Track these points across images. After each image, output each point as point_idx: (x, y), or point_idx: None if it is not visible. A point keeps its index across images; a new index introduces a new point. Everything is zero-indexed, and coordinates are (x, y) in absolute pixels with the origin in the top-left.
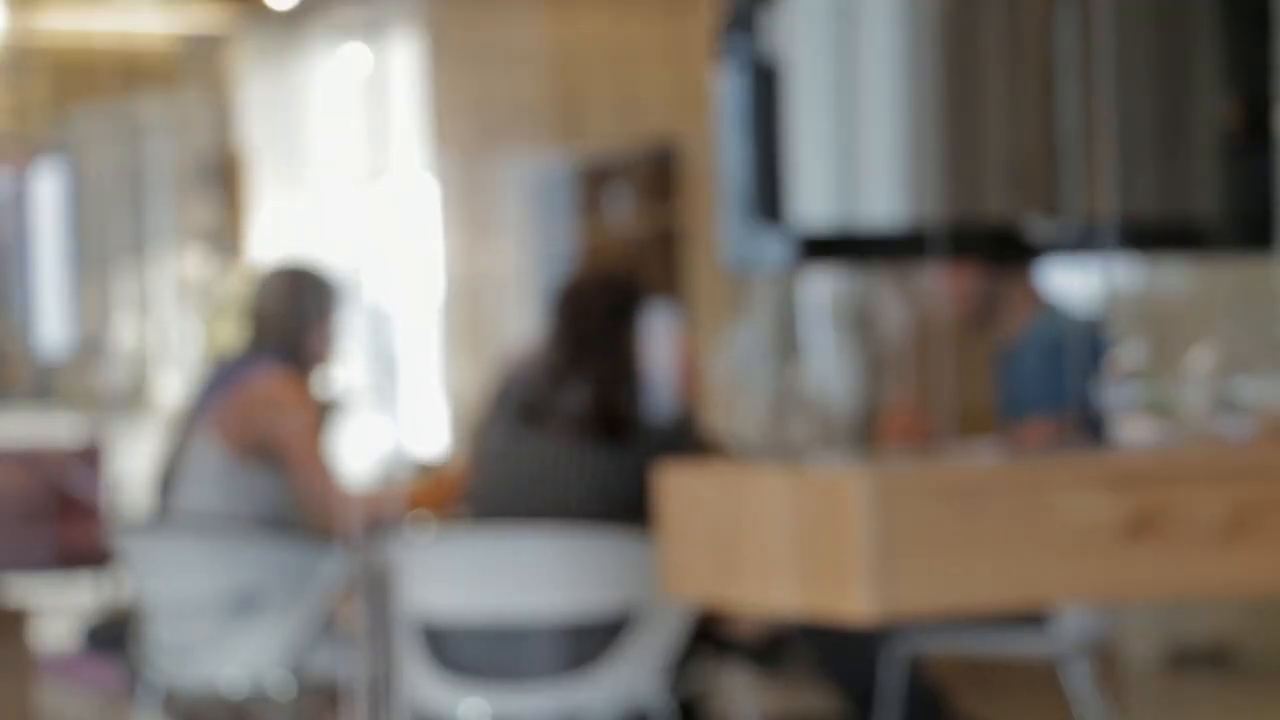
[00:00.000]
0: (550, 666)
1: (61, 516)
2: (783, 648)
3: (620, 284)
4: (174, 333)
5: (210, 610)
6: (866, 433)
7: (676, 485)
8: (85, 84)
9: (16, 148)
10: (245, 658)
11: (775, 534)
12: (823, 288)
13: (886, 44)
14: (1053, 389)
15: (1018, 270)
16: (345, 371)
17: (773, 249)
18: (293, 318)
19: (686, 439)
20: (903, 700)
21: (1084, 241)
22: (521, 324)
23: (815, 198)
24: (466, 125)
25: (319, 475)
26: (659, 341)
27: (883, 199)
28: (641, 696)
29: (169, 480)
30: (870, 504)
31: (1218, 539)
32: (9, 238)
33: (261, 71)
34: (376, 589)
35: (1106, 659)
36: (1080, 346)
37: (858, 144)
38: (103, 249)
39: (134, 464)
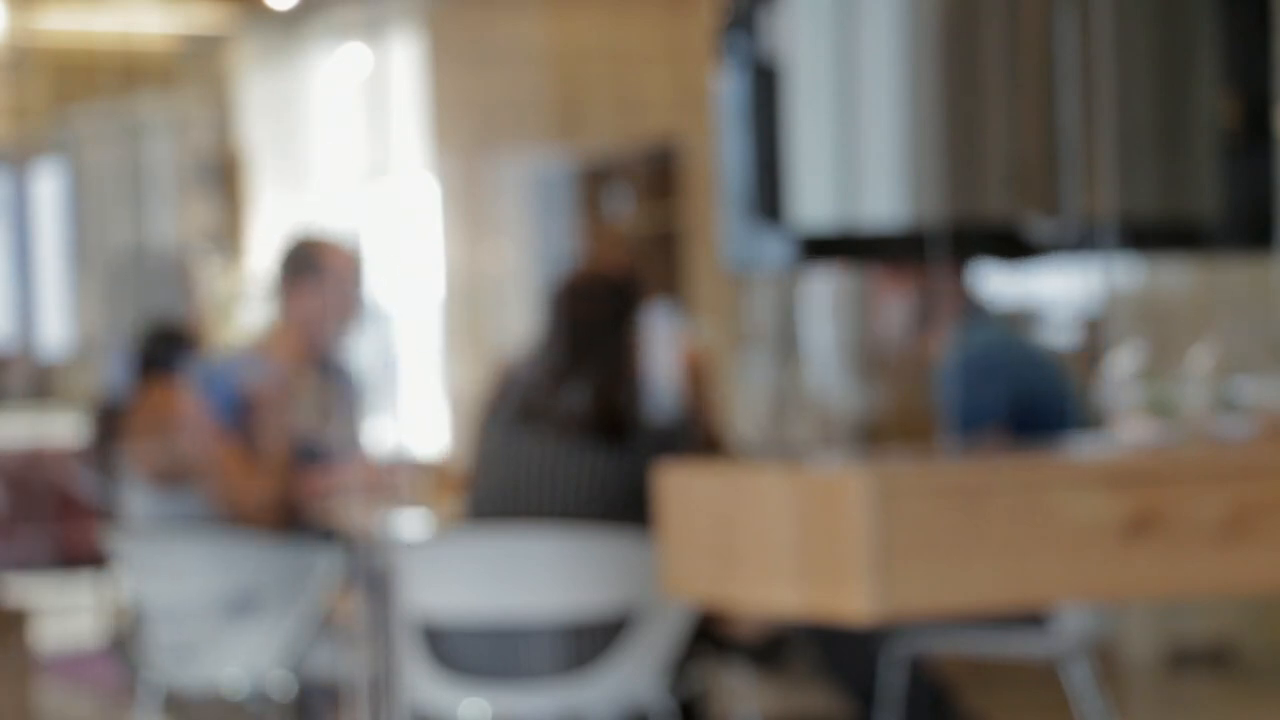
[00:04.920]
0: (550, 666)
1: (61, 516)
2: (783, 648)
3: (620, 283)
4: None
5: (209, 610)
6: (866, 433)
7: (676, 485)
8: (85, 84)
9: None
10: (245, 658)
11: (775, 534)
12: (823, 288)
13: (886, 44)
14: (978, 403)
15: (947, 274)
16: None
17: (773, 249)
18: None
19: (686, 439)
20: (903, 700)
21: (1084, 241)
22: (521, 324)
23: (815, 198)
24: (466, 125)
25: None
26: (659, 341)
27: (883, 199)
28: (641, 696)
29: None
30: (870, 504)
31: (1217, 539)
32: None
33: (261, 71)
34: (376, 589)
35: (1106, 659)
36: (967, 360)
37: (858, 144)
38: (103, 249)
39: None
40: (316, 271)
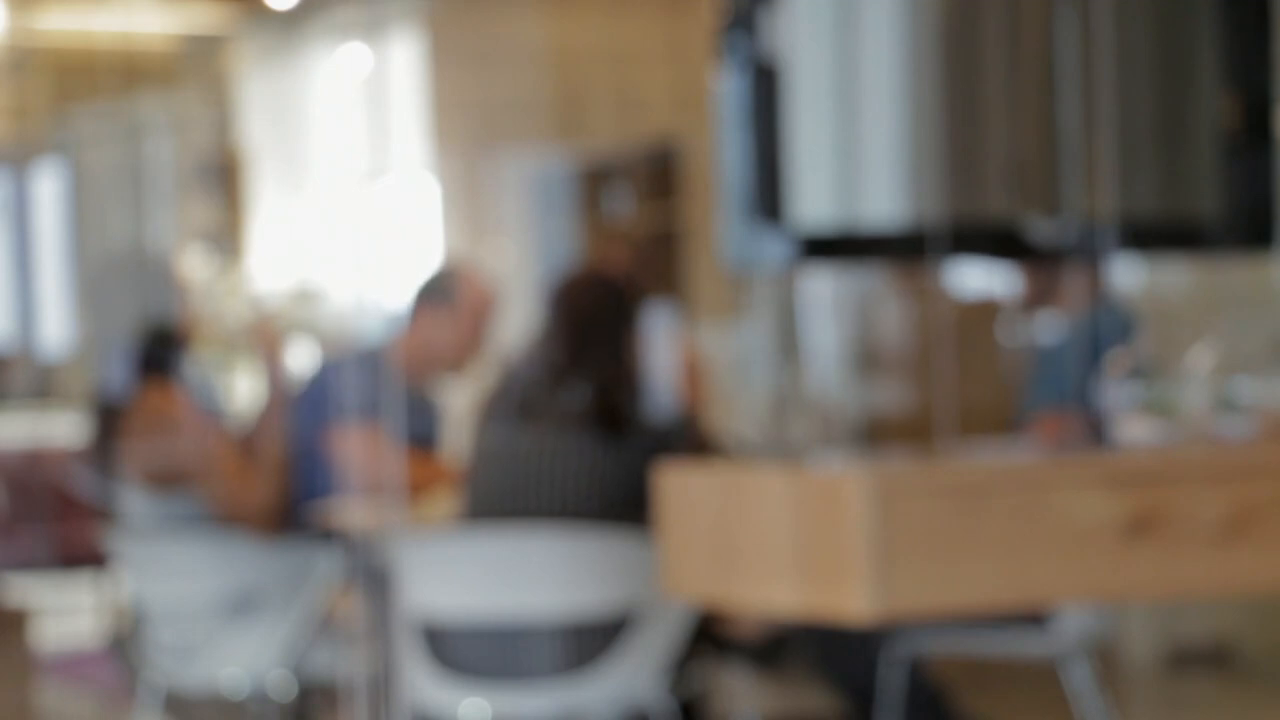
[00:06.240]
0: (550, 666)
1: (61, 516)
2: (783, 648)
3: (620, 283)
4: None
5: (209, 610)
6: (866, 433)
7: (676, 485)
8: (85, 84)
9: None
10: (245, 658)
11: (775, 534)
12: (823, 288)
13: (886, 44)
14: (1066, 384)
15: (1081, 262)
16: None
17: (773, 249)
18: None
19: (685, 438)
20: (903, 700)
21: (1084, 241)
22: (521, 323)
23: (815, 198)
24: (466, 125)
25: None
26: (659, 341)
27: (883, 199)
28: (641, 696)
29: None
30: (870, 504)
31: (1218, 539)
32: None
33: (261, 71)
34: (376, 588)
35: (1106, 659)
36: (1094, 344)
37: (858, 144)
38: (103, 249)
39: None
40: (450, 302)
